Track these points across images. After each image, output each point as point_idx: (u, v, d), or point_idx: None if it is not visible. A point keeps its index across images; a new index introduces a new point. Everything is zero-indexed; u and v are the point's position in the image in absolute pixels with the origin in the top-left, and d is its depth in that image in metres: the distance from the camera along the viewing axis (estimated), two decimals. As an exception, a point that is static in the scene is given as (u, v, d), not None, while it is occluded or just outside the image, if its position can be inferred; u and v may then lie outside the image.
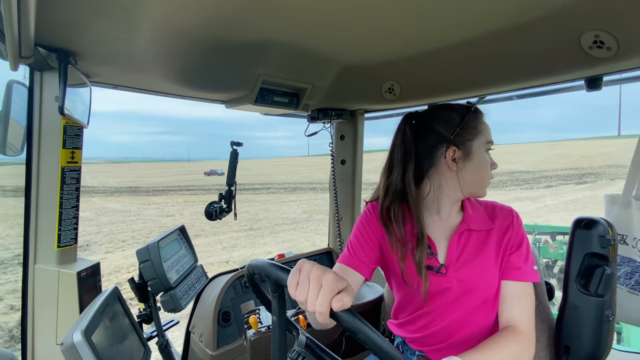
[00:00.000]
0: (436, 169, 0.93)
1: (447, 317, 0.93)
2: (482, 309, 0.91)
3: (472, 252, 0.91)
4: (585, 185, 18.87)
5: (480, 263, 0.90)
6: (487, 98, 1.43)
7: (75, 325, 0.75)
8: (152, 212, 18.06)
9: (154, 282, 1.20)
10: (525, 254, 0.91)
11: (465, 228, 0.92)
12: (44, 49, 0.92)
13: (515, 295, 0.88)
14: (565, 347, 1.01)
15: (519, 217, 0.95)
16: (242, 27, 0.97)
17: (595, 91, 1.10)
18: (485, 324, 0.92)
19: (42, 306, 1.05)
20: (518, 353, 0.78)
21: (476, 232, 0.92)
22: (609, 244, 0.97)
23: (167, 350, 1.34)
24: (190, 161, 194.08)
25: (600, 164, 15.73)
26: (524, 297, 0.87)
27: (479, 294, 0.90)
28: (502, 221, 0.93)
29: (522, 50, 1.05)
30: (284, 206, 19.60)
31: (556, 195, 17.96)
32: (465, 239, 0.92)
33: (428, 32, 1.03)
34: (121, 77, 1.19)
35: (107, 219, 16.02)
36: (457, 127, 0.90)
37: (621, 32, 0.86)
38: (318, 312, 0.51)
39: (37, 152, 1.04)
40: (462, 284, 0.90)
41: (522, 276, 0.88)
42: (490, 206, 0.98)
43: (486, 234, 0.92)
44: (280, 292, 0.75)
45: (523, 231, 0.94)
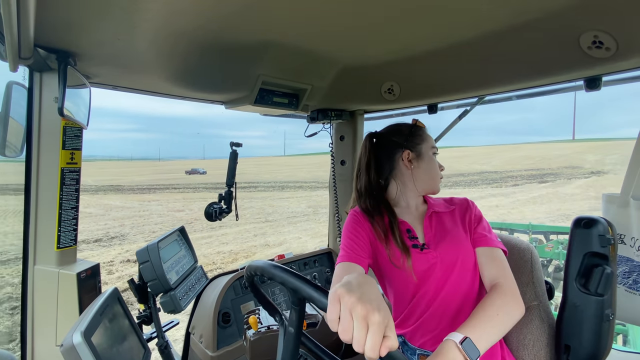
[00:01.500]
0: (398, 171, 1.13)
1: (438, 294, 1.02)
2: (465, 279, 1.02)
3: (444, 229, 1.07)
4: (547, 184, 21.42)
5: (454, 236, 1.05)
6: (486, 98, 1.43)
7: (75, 326, 0.75)
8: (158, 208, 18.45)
9: (153, 283, 1.20)
10: (488, 228, 1.06)
11: (432, 211, 1.10)
12: (44, 50, 0.92)
13: (489, 258, 1.00)
14: (565, 347, 1.01)
15: (473, 202, 1.14)
16: (242, 29, 0.97)
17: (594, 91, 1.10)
18: (472, 295, 1.03)
19: (42, 307, 1.05)
20: (503, 304, 0.86)
21: (442, 213, 1.10)
22: (609, 243, 0.97)
23: (167, 351, 1.34)
24: (161, 160, 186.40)
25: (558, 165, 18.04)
26: (498, 259, 0.99)
27: (460, 264, 1.02)
28: (459, 204, 1.12)
29: (521, 50, 1.05)
30: (285, 202, 20.15)
31: (523, 192, 20.06)
32: (435, 219, 1.09)
33: (427, 32, 1.04)
34: (121, 78, 1.19)
35: (120, 214, 16.31)
36: (407, 135, 1.13)
37: (620, 32, 0.86)
38: (367, 356, 0.50)
39: (36, 153, 1.03)
40: (445, 257, 1.02)
41: (490, 242, 1.02)
42: (447, 198, 1.17)
43: (450, 214, 1.10)
44: (302, 307, 0.74)
45: (479, 212, 1.11)
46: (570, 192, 21.33)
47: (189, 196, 23.25)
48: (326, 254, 1.98)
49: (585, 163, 37.58)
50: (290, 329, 0.76)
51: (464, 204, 1.12)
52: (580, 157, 17.98)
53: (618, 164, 35.81)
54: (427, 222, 1.08)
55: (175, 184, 33.23)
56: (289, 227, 13.56)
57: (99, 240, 11.74)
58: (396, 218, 1.08)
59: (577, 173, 30.40)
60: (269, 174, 42.21)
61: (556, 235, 8.64)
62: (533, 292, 1.07)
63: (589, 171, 32.24)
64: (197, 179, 41.59)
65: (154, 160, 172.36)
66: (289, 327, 0.76)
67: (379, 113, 1.84)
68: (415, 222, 1.10)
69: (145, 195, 24.09)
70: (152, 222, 14.45)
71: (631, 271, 1.12)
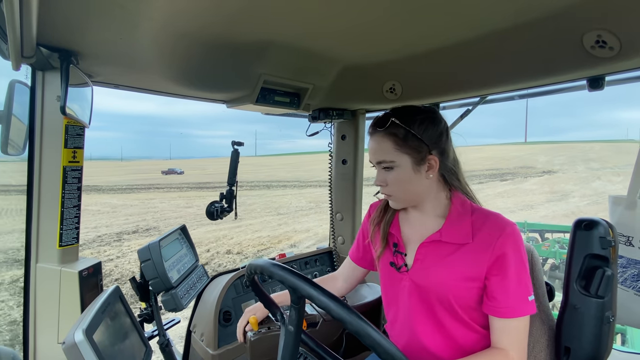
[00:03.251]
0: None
1: (413, 308, 0.97)
2: (442, 308, 0.92)
3: (435, 261, 0.93)
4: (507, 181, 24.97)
5: (440, 271, 0.91)
6: (488, 98, 1.43)
7: (77, 324, 0.75)
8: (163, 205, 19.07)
9: (155, 281, 1.20)
10: (515, 281, 0.84)
11: (437, 238, 0.93)
12: (46, 49, 0.92)
13: (498, 328, 0.85)
14: (565, 349, 1.00)
15: (512, 237, 0.85)
16: (243, 28, 0.97)
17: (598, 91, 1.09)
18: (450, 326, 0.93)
19: (44, 305, 1.05)
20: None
21: (447, 244, 0.92)
22: (609, 245, 0.97)
23: (168, 349, 1.34)
24: (123, 160, 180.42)
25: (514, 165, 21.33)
26: (513, 331, 0.84)
27: (433, 295, 0.92)
28: (484, 236, 0.88)
29: (524, 49, 1.04)
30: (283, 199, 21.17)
31: (490, 188, 22.92)
32: (433, 247, 0.94)
33: (429, 31, 1.03)
34: (123, 77, 1.20)
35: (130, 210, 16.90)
36: None
37: (624, 31, 0.85)
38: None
39: (38, 152, 1.04)
40: (415, 283, 0.95)
41: (508, 311, 0.84)
42: (483, 218, 0.91)
43: (457, 247, 0.90)
44: (302, 305, 0.75)
45: (512, 255, 0.84)
46: (528, 188, 24.99)
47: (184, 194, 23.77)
48: (327, 253, 1.98)
49: (537, 163, 43.10)
50: (290, 328, 0.76)
51: (487, 240, 0.87)
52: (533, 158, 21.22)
53: (565, 164, 41.84)
54: (423, 247, 0.95)
55: (156, 184, 33.60)
56: (304, 218, 14.85)
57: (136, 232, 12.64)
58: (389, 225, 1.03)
59: (531, 172, 34.47)
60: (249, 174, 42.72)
61: (551, 233, 8.67)
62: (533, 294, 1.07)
63: (541, 170, 36.36)
64: (177, 179, 41.31)
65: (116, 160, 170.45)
66: (288, 325, 0.76)
67: (380, 112, 1.84)
68: (413, 240, 0.99)
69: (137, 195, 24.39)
70: (171, 216, 15.35)
71: (639, 274, 1.10)
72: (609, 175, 32.31)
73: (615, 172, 34.84)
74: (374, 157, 0.95)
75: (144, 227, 13.25)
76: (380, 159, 0.94)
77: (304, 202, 19.56)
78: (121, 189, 28.69)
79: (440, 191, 0.97)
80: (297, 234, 12.16)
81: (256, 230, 12.85)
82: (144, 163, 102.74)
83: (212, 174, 45.86)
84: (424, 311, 0.96)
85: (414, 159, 0.91)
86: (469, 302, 0.90)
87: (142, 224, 13.71)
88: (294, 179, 34.62)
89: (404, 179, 0.92)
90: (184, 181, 36.76)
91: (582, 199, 20.51)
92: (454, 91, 1.37)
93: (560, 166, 40.50)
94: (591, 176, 32.22)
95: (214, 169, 54.80)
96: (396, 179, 0.92)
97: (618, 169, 37.15)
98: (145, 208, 17.77)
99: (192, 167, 61.60)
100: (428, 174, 0.93)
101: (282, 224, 13.85)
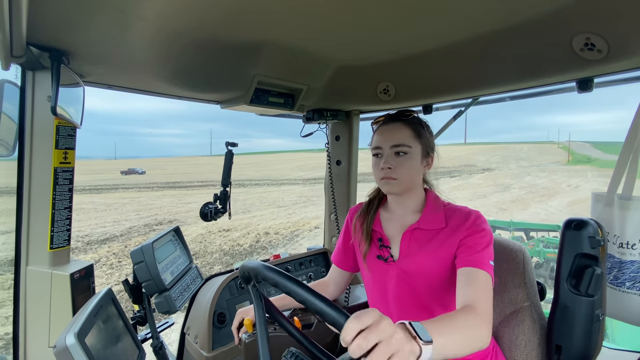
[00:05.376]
0: None
1: (400, 295, 1.05)
2: (427, 292, 1.02)
3: (418, 247, 1.04)
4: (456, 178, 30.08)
5: (423, 255, 1.02)
6: (480, 99, 1.45)
7: (68, 327, 0.74)
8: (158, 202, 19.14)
9: (148, 283, 1.19)
10: (478, 248, 0.95)
11: (416, 227, 1.05)
12: (36, 49, 0.90)
13: (467, 279, 0.91)
14: (556, 347, 1.02)
15: (477, 220, 1.00)
16: (237, 28, 0.97)
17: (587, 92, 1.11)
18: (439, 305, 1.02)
19: (35, 308, 1.04)
20: (472, 323, 0.78)
21: (425, 231, 1.04)
22: (598, 244, 0.99)
23: (162, 352, 1.33)
24: None
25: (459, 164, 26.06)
26: (477, 281, 0.90)
27: (420, 280, 1.02)
28: (454, 222, 1.02)
29: (515, 52, 1.06)
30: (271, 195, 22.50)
31: (445, 184, 26.73)
32: (415, 235, 1.05)
33: (422, 33, 1.04)
34: (115, 77, 1.18)
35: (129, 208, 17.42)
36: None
37: (612, 34, 0.87)
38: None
39: (29, 153, 1.02)
40: (402, 270, 1.04)
41: (470, 262, 0.93)
42: (453, 210, 1.05)
43: (435, 233, 1.03)
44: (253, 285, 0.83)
45: (478, 231, 0.98)
46: (476, 182, 30.20)
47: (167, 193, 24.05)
48: (322, 253, 1.99)
49: (478, 162, 50.78)
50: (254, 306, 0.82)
51: (457, 223, 1.02)
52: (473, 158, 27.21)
53: (500, 162, 49.74)
54: (406, 237, 1.06)
55: (122, 184, 33.35)
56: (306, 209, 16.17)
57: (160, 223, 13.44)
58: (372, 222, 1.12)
59: (474, 170, 40.18)
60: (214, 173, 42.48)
61: (536, 232, 8.82)
62: (525, 293, 1.09)
63: (482, 168, 42.87)
64: (141, 179, 40.45)
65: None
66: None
67: (374, 113, 1.85)
68: (395, 233, 1.09)
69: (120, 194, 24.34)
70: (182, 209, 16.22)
71: (612, 267, 1.14)
72: (536, 171, 40.32)
73: (540, 169, 42.36)
74: (391, 140, 1.03)
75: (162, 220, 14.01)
76: (398, 142, 1.03)
77: (294, 196, 20.70)
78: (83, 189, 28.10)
79: (421, 188, 1.11)
80: (313, 220, 13.76)
81: (273, 218, 13.89)
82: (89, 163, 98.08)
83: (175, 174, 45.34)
84: (413, 300, 1.03)
85: (424, 151, 1.06)
86: (452, 282, 0.96)
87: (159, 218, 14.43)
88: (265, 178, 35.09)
89: (412, 165, 1.03)
90: (150, 181, 36.43)
91: (521, 190, 26.12)
92: (446, 92, 1.39)
93: (497, 164, 47.14)
94: (522, 172, 39.05)
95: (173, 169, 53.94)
96: (406, 163, 1.03)
97: (543, 167, 44.63)
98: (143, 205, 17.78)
99: (150, 167, 59.98)
100: (425, 169, 1.08)
101: (292, 214, 15.13)
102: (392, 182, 1.03)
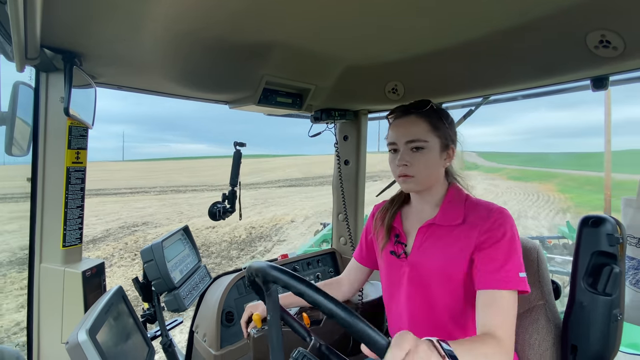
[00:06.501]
0: None
1: (412, 294, 1.01)
2: (440, 293, 0.96)
3: (432, 243, 0.99)
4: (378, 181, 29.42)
5: (435, 252, 0.97)
6: (491, 98, 1.42)
7: (80, 324, 0.75)
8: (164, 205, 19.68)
9: (157, 282, 1.21)
10: (501, 259, 0.86)
11: (432, 223, 1.00)
12: (50, 51, 0.92)
13: (486, 303, 0.84)
14: (572, 347, 0.99)
15: (498, 219, 0.90)
16: (246, 29, 0.97)
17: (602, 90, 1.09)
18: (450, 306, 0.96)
19: (48, 305, 1.06)
20: (489, 355, 0.73)
21: (442, 227, 0.99)
22: (617, 242, 0.95)
23: (171, 349, 1.35)
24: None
25: (378, 169, 24.54)
26: (496, 305, 0.82)
27: (431, 275, 0.97)
28: (472, 218, 0.94)
29: (527, 49, 1.04)
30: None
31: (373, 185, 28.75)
32: (430, 231, 1.01)
33: (431, 31, 1.03)
34: (126, 78, 1.20)
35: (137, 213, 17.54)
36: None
37: (628, 31, 0.85)
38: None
39: (42, 153, 1.04)
40: (413, 266, 1.00)
41: (489, 283, 0.85)
42: (474, 205, 0.98)
43: (452, 229, 0.97)
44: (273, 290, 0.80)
45: (499, 236, 0.88)
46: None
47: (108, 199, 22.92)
48: (330, 254, 1.98)
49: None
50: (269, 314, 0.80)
51: (477, 221, 0.93)
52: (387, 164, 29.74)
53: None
54: (421, 232, 1.02)
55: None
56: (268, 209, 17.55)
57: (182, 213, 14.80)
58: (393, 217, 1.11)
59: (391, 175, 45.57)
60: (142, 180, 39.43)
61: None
62: (539, 292, 1.06)
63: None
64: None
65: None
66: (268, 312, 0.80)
67: (383, 113, 1.83)
68: (411, 228, 1.07)
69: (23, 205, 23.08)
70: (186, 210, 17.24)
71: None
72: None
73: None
74: (405, 135, 0.98)
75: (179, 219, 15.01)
76: (413, 137, 0.97)
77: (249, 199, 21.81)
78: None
79: (443, 182, 1.04)
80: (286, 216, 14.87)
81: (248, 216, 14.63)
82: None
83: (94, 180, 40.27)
84: (424, 301, 0.99)
85: (442, 144, 0.98)
86: (468, 286, 0.92)
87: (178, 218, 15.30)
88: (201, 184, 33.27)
89: (430, 161, 0.97)
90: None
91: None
92: (456, 91, 1.37)
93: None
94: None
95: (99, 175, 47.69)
96: (424, 159, 0.97)
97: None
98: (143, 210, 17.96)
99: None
100: (445, 162, 1.01)
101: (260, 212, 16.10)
102: (410, 180, 0.98)
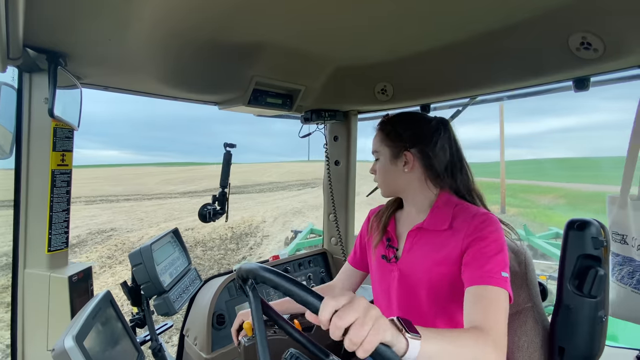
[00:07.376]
0: None
1: (401, 299, 1.04)
2: (429, 299, 0.98)
3: (420, 247, 1.02)
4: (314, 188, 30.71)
5: (423, 256, 1.00)
6: (478, 99, 1.45)
7: (67, 330, 0.74)
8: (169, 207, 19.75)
9: (146, 285, 1.19)
10: (485, 259, 0.87)
11: (420, 227, 1.03)
12: (33, 50, 0.90)
13: (474, 298, 0.83)
14: (559, 349, 1.01)
15: (482, 223, 0.91)
16: (235, 29, 0.97)
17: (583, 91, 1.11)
18: (440, 309, 0.98)
19: (33, 311, 1.03)
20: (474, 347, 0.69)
21: (429, 231, 1.01)
22: (601, 245, 0.97)
23: (161, 354, 1.32)
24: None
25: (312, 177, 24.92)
26: (485, 299, 0.81)
27: (420, 280, 0.99)
28: (458, 223, 0.96)
29: (512, 51, 1.06)
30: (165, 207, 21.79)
31: (305, 195, 28.00)
32: (418, 236, 1.03)
33: (420, 33, 1.05)
34: (112, 79, 1.18)
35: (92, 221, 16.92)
36: None
37: (607, 34, 0.88)
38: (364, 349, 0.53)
39: (26, 155, 1.02)
40: (402, 271, 1.03)
41: (476, 280, 0.85)
42: (462, 209, 0.98)
43: (439, 234, 0.99)
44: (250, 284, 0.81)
45: (483, 237, 0.90)
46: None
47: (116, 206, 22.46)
48: (321, 254, 1.98)
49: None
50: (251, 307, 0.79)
51: (462, 225, 0.94)
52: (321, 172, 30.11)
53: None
54: (410, 237, 1.05)
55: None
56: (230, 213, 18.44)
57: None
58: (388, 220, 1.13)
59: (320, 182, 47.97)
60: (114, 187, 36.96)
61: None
62: (527, 294, 1.08)
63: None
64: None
65: None
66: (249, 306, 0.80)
67: (372, 113, 1.85)
68: (403, 232, 1.09)
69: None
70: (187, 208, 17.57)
71: (635, 271, 1.11)
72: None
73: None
74: (372, 147, 1.12)
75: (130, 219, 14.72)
76: (373, 148, 1.11)
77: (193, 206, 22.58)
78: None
79: (427, 189, 1.05)
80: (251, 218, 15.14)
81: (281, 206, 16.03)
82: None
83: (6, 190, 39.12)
84: (414, 307, 1.00)
85: (392, 152, 1.05)
86: (457, 293, 0.91)
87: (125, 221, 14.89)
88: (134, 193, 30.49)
89: (383, 169, 1.08)
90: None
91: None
92: (444, 92, 1.39)
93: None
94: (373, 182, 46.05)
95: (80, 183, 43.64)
96: (380, 167, 1.09)
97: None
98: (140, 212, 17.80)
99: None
100: (404, 168, 1.04)
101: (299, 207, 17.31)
102: (379, 186, 1.11)
